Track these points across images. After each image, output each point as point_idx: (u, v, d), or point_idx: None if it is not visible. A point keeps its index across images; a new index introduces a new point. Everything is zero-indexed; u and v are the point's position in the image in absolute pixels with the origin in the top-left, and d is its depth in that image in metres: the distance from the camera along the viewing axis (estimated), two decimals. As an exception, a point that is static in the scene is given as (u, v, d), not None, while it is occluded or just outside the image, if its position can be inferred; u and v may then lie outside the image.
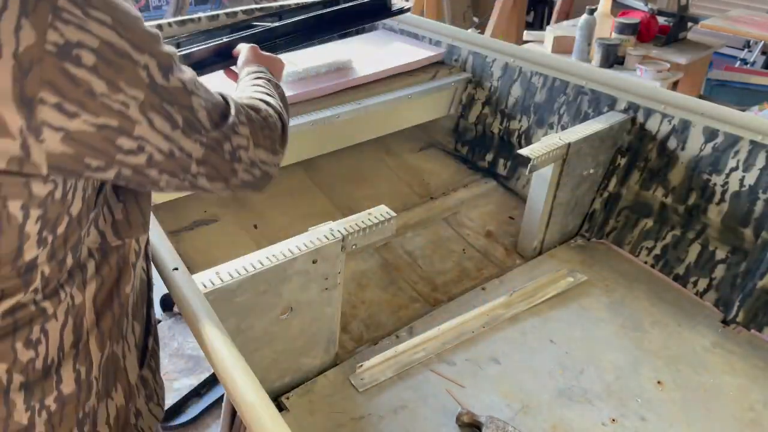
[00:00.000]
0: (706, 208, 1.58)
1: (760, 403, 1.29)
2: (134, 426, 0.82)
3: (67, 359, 0.68)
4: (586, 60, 2.75)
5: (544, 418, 1.23)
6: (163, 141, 0.63)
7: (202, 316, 0.81)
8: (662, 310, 1.53)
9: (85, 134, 0.56)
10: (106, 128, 0.57)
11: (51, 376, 0.67)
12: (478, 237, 1.83)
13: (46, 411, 0.67)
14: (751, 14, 3.61)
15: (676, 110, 1.60)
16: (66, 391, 0.69)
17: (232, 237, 1.73)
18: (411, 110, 2.05)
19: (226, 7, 5.76)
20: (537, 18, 4.98)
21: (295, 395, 1.25)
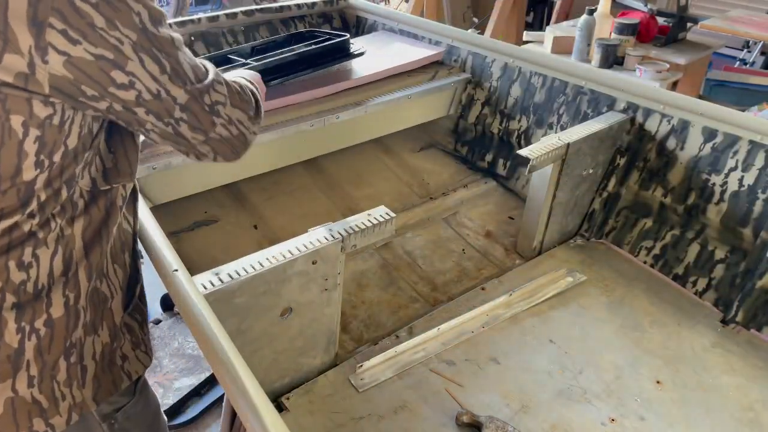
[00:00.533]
0: (705, 207, 1.58)
1: (760, 403, 1.29)
2: (120, 368, 0.87)
3: (57, 285, 0.75)
4: (586, 60, 2.75)
5: (544, 418, 1.23)
6: (151, 81, 0.70)
7: (202, 317, 0.81)
8: (662, 310, 1.53)
9: (83, 61, 0.64)
10: (102, 59, 0.65)
11: (42, 299, 0.74)
12: (478, 237, 1.83)
13: (35, 335, 0.74)
14: (751, 14, 3.61)
15: (676, 110, 1.60)
16: (55, 315, 0.75)
17: (231, 238, 1.73)
18: (411, 110, 2.05)
19: (226, 7, 5.77)
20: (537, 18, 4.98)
21: (295, 395, 1.26)
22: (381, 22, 2.37)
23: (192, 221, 1.76)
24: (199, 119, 0.78)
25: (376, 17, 2.41)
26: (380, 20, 2.38)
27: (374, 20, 2.41)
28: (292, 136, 1.68)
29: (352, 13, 2.50)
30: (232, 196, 1.88)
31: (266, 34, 2.27)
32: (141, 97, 0.70)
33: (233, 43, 2.19)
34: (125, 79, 0.68)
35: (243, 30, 2.24)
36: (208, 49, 2.13)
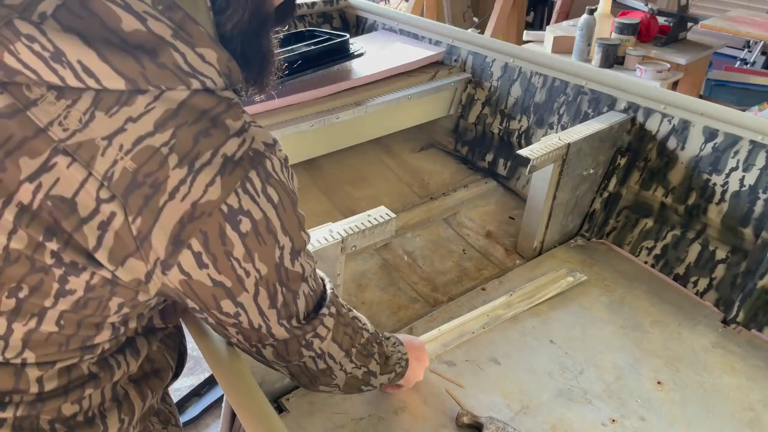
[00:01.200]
0: (706, 208, 1.58)
1: (760, 403, 1.29)
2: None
3: (110, 411, 0.71)
4: (586, 60, 2.75)
5: (544, 419, 1.23)
6: (257, 315, 0.66)
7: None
8: (662, 310, 1.53)
9: (201, 285, 0.60)
10: (219, 285, 0.61)
11: (96, 425, 0.69)
12: (478, 237, 1.83)
13: None
14: (751, 14, 3.61)
15: (676, 110, 1.60)
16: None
17: (232, 237, 1.73)
18: (411, 110, 2.05)
19: (226, 7, 5.76)
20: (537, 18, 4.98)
21: (295, 396, 1.25)
22: (381, 22, 2.37)
23: (192, 221, 1.76)
24: (288, 350, 0.74)
25: (376, 17, 2.40)
26: (380, 20, 2.38)
27: (374, 20, 2.41)
28: (291, 136, 1.68)
29: (352, 13, 2.50)
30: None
31: (266, 34, 2.26)
32: (240, 324, 0.67)
33: (233, 43, 2.18)
34: (232, 309, 0.64)
35: (243, 30, 2.23)
36: (208, 49, 2.12)
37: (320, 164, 2.03)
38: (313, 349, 0.76)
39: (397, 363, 1.03)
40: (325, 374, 0.83)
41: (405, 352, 1.05)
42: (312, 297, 0.73)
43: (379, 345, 0.94)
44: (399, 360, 1.03)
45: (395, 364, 1.02)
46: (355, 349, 0.85)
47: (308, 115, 1.73)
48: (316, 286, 0.74)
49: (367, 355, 0.90)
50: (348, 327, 0.82)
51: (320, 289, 0.76)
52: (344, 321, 0.81)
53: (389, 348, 0.99)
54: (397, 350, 1.02)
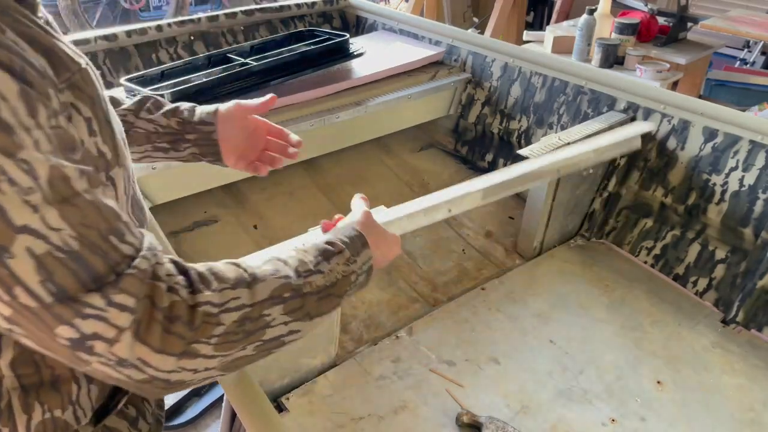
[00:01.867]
0: (705, 208, 1.58)
1: (760, 403, 1.29)
2: None
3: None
4: (586, 60, 2.75)
5: (544, 419, 1.23)
6: None
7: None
8: (662, 310, 1.53)
9: None
10: None
11: None
12: (478, 237, 1.83)
13: None
14: (751, 14, 3.61)
15: (676, 110, 1.60)
16: None
17: (232, 238, 1.73)
18: (411, 110, 2.05)
19: (226, 7, 5.77)
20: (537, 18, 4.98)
21: (295, 396, 1.25)
22: (381, 22, 2.37)
23: (192, 221, 1.76)
24: (45, 347, 0.54)
25: (376, 17, 2.40)
26: (380, 20, 2.38)
27: (374, 20, 2.41)
28: (292, 136, 1.68)
29: (352, 13, 2.50)
30: (232, 196, 1.87)
31: (266, 33, 2.27)
32: None
33: (233, 43, 2.19)
34: None
35: (243, 29, 2.24)
36: (208, 49, 2.13)
37: (320, 164, 2.03)
38: (97, 353, 0.53)
39: (347, 281, 0.72)
40: (153, 385, 0.57)
41: (352, 260, 0.73)
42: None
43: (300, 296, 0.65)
44: (348, 276, 0.72)
45: (346, 284, 0.72)
46: (187, 339, 0.56)
47: (308, 115, 1.73)
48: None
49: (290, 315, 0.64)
50: (181, 320, 0.55)
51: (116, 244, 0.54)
52: (176, 311, 0.55)
53: (322, 280, 0.68)
54: (341, 269, 0.71)
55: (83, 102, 0.57)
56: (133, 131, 0.94)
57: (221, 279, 0.59)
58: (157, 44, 2.04)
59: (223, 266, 0.62)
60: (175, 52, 2.08)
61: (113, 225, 0.54)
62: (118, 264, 0.53)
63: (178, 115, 0.96)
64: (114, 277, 0.52)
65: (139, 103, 0.96)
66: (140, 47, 1.99)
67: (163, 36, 2.05)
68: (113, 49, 1.93)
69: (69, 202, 0.50)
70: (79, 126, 0.56)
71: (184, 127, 0.96)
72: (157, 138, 0.96)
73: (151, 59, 2.01)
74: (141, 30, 1.99)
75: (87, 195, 0.52)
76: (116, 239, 0.53)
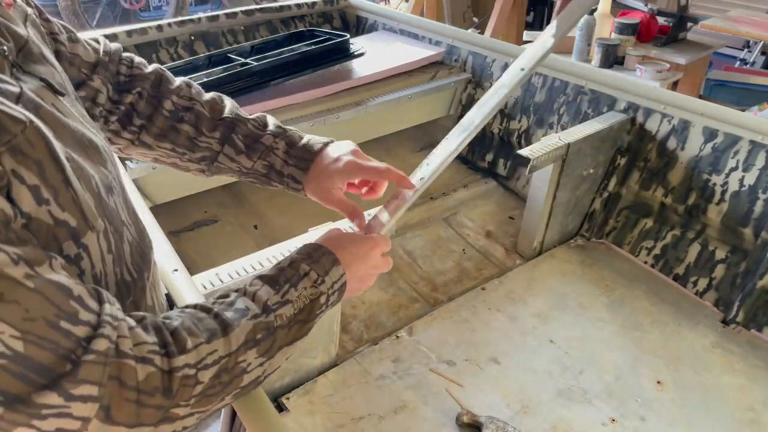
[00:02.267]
0: (705, 208, 1.58)
1: (760, 403, 1.29)
2: None
3: None
4: (586, 60, 2.75)
5: (544, 418, 1.23)
6: None
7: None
8: (662, 310, 1.53)
9: None
10: None
11: None
12: (478, 237, 1.83)
13: None
14: (751, 14, 3.61)
15: (676, 110, 1.60)
16: None
17: (232, 238, 1.73)
18: (411, 110, 2.05)
19: (226, 7, 5.77)
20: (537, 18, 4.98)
21: (295, 395, 1.25)
22: (381, 22, 2.37)
23: (192, 221, 1.76)
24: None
25: (376, 17, 2.40)
26: (380, 20, 2.38)
27: (374, 20, 2.41)
28: (292, 136, 1.68)
29: (352, 13, 2.50)
30: (232, 196, 1.87)
31: (266, 33, 2.27)
32: None
33: (233, 43, 2.19)
34: None
35: (243, 29, 2.24)
36: (208, 49, 2.13)
37: (320, 164, 2.02)
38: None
39: (315, 307, 0.69)
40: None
41: (320, 280, 0.70)
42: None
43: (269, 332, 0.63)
44: (317, 298, 0.69)
45: (314, 311, 0.69)
46: (162, 406, 0.53)
47: (308, 115, 1.73)
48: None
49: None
50: (155, 391, 0.52)
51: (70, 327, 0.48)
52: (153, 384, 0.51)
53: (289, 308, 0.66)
54: (308, 293, 0.68)
55: (27, 168, 0.48)
56: (217, 164, 0.85)
57: (194, 333, 0.56)
58: (157, 44, 2.04)
59: (194, 315, 0.59)
60: (176, 52, 2.08)
61: (63, 307, 0.47)
62: (72, 351, 0.47)
63: (265, 157, 0.85)
64: (70, 367, 0.46)
65: (224, 129, 0.84)
66: (140, 47, 2.00)
67: (164, 36, 2.05)
68: (113, 49, 1.93)
69: (5, 298, 0.44)
70: (21, 196, 0.47)
71: (271, 175, 0.86)
72: (245, 176, 0.87)
73: (152, 59, 2.01)
74: (141, 30, 1.99)
75: (28, 282, 0.45)
76: (68, 323, 0.47)
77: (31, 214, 0.48)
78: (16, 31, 0.60)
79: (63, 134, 0.55)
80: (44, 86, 0.57)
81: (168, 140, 0.84)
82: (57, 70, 0.64)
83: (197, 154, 0.85)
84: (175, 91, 0.85)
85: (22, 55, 0.59)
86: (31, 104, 0.53)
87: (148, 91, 0.83)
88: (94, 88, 0.79)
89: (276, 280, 0.67)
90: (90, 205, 0.55)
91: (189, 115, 0.84)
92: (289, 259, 0.71)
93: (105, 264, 0.58)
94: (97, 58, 0.80)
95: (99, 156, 0.61)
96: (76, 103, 0.64)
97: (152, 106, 0.83)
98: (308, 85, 1.79)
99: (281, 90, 1.73)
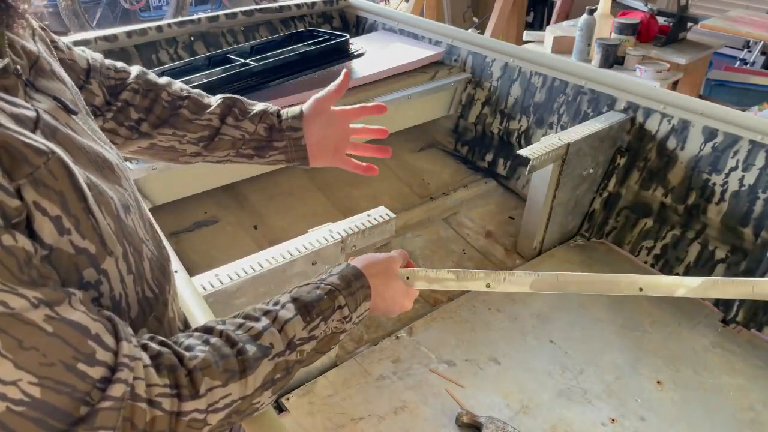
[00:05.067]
0: (705, 207, 1.58)
1: (760, 403, 1.29)
2: None
3: None
4: (586, 60, 2.75)
5: (544, 418, 1.23)
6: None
7: (201, 318, 0.81)
8: (662, 310, 1.53)
9: None
10: None
11: None
12: (478, 237, 1.83)
13: None
14: (751, 14, 3.61)
15: (676, 110, 1.60)
16: None
17: (232, 238, 1.73)
18: (411, 110, 2.05)
19: (226, 7, 5.77)
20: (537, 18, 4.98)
21: (295, 396, 1.25)
22: (381, 22, 2.37)
23: (192, 221, 1.76)
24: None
25: (376, 17, 2.40)
26: (380, 20, 2.38)
27: (374, 20, 2.41)
28: (292, 137, 1.68)
29: (352, 13, 2.50)
30: (232, 197, 1.87)
31: (266, 34, 2.27)
32: None
33: (233, 43, 2.19)
34: None
35: (243, 30, 2.24)
36: (208, 50, 2.13)
37: (320, 164, 2.03)
38: None
39: (335, 334, 0.69)
40: None
41: (343, 313, 0.69)
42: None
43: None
44: (338, 333, 0.69)
45: (331, 336, 0.68)
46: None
47: (308, 116, 1.73)
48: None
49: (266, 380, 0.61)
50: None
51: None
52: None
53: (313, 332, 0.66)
54: (333, 326, 0.68)
55: (49, 199, 0.48)
56: (219, 138, 0.89)
57: (212, 374, 0.55)
58: (157, 45, 2.04)
59: (218, 351, 0.57)
60: (176, 52, 2.08)
61: (81, 348, 0.47)
62: (89, 393, 0.47)
63: (265, 120, 0.90)
64: (86, 410, 0.47)
65: (224, 106, 0.90)
66: (140, 48, 1.99)
67: (164, 36, 2.05)
68: (113, 50, 1.93)
69: (23, 345, 0.43)
70: (42, 228, 0.48)
71: (271, 134, 0.90)
72: (242, 145, 0.90)
73: (152, 60, 2.01)
74: (141, 30, 1.99)
75: (47, 326, 0.45)
76: (85, 365, 0.47)
77: (52, 246, 0.49)
78: (27, 47, 0.60)
79: (79, 156, 0.55)
80: (58, 106, 0.57)
81: (168, 125, 0.87)
82: (68, 85, 0.64)
83: (197, 134, 0.88)
84: (165, 85, 0.89)
85: (34, 72, 0.59)
86: (49, 129, 0.53)
87: (142, 86, 0.86)
88: (92, 92, 0.81)
89: (310, 310, 0.65)
90: (109, 231, 0.55)
91: (186, 101, 0.88)
92: (329, 285, 0.69)
93: (125, 286, 0.58)
94: (89, 63, 0.82)
95: (114, 174, 0.61)
96: (88, 120, 0.64)
97: (150, 99, 0.86)
98: (308, 85, 1.79)
99: (281, 90, 1.73)
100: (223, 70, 1.74)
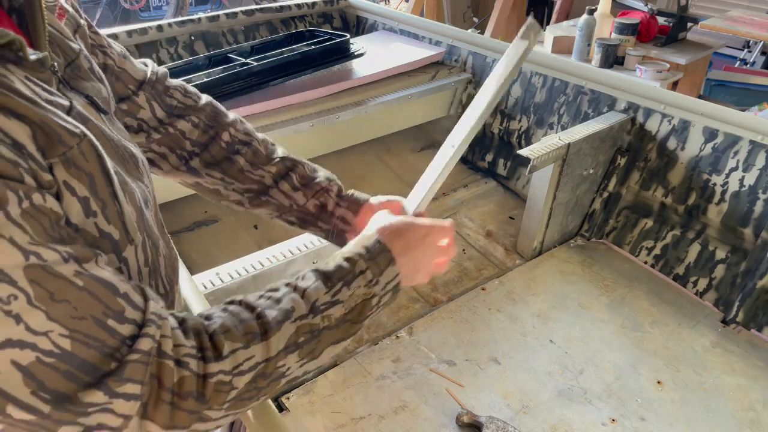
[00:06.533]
0: (705, 208, 1.58)
1: (760, 403, 1.29)
2: None
3: None
4: (586, 60, 2.75)
5: (544, 418, 1.23)
6: None
7: (202, 316, 0.81)
8: (662, 310, 1.53)
9: None
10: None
11: None
12: (478, 237, 1.83)
13: None
14: (751, 14, 3.61)
15: (676, 110, 1.60)
16: None
17: (232, 237, 1.73)
18: (411, 110, 2.05)
19: (226, 7, 5.77)
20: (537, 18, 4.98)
21: (295, 395, 1.25)
22: (381, 22, 2.37)
23: (192, 221, 1.76)
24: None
25: (376, 17, 2.40)
26: (380, 20, 2.38)
27: (374, 20, 2.41)
28: (292, 136, 1.68)
29: (352, 13, 2.50)
30: None
31: (266, 33, 2.27)
32: None
33: (233, 43, 2.19)
34: None
35: (243, 30, 2.24)
36: (208, 49, 2.13)
37: (320, 164, 2.01)
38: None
39: (369, 302, 0.66)
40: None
41: (374, 279, 0.66)
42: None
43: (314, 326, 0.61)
44: (369, 299, 0.66)
45: (368, 307, 0.66)
46: (193, 411, 0.54)
47: (308, 115, 1.73)
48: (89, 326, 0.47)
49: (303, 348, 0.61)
50: (190, 396, 0.52)
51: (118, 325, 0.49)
52: (188, 388, 0.52)
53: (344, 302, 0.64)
54: (361, 292, 0.65)
55: (80, 180, 0.49)
56: (266, 198, 0.86)
57: (233, 337, 0.55)
58: (157, 44, 2.04)
59: (236, 315, 0.58)
60: (176, 52, 2.08)
61: (111, 305, 0.48)
62: (118, 349, 0.48)
63: (319, 197, 0.86)
64: (115, 365, 0.48)
65: (283, 167, 0.86)
66: (141, 47, 2.00)
67: (164, 36, 2.05)
68: (113, 49, 1.93)
69: (55, 297, 0.45)
70: (70, 207, 0.49)
71: (321, 214, 0.86)
72: (287, 212, 0.87)
73: (152, 59, 2.00)
74: (141, 30, 1.99)
75: (78, 280, 0.46)
76: (115, 321, 0.48)
77: (78, 226, 0.50)
78: (69, 45, 0.61)
79: (107, 147, 0.57)
80: (89, 104, 0.59)
81: (219, 169, 0.85)
82: (104, 84, 0.65)
83: (245, 185, 0.86)
84: (231, 124, 0.87)
85: (71, 70, 0.60)
86: (80, 117, 0.54)
87: (205, 121, 0.85)
88: (138, 104, 0.81)
89: (330, 277, 0.64)
90: (132, 219, 0.56)
91: (246, 148, 0.86)
92: (347, 253, 0.67)
93: (142, 277, 0.59)
94: (145, 76, 0.82)
95: (137, 170, 0.62)
96: (114, 119, 0.65)
97: (209, 136, 0.85)
98: (308, 85, 1.79)
99: (281, 90, 1.73)
100: (223, 70, 1.74)
